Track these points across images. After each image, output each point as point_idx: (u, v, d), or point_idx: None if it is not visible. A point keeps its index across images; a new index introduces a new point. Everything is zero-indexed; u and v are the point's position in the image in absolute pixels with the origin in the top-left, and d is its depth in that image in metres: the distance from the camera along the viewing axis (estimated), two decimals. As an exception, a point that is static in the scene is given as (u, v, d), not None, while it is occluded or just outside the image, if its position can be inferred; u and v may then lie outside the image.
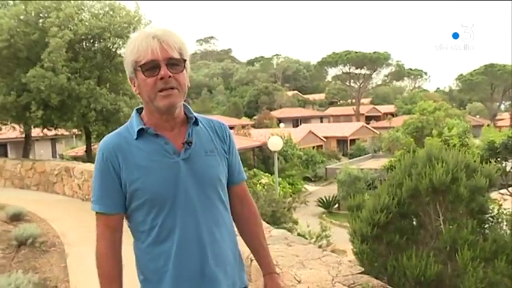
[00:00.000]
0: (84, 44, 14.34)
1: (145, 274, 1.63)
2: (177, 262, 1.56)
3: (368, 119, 59.98)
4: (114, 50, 14.65)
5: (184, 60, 1.60)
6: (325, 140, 41.22)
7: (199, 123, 1.68)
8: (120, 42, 14.55)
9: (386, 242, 3.40)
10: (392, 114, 58.03)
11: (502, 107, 62.99)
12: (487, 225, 3.31)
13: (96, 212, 1.62)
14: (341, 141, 44.52)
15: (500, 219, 3.39)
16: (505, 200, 5.01)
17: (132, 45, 1.58)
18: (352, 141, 44.08)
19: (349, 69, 61.35)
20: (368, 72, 61.63)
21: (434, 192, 3.23)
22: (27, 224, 7.49)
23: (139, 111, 1.69)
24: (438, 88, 78.67)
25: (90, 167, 11.48)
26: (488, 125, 38.44)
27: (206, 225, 1.59)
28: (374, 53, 59.54)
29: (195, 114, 1.69)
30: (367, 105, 64.74)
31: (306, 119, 55.76)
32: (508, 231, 3.20)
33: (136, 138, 1.59)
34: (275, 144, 15.61)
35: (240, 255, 1.77)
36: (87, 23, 13.82)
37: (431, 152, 3.61)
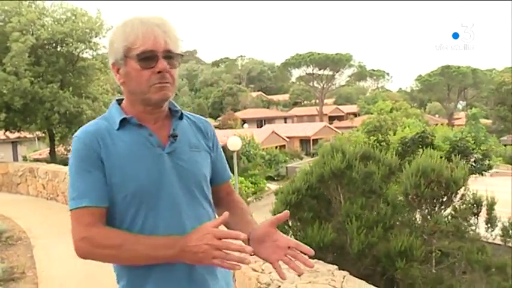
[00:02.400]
0: (46, 48, 14.68)
1: (127, 278, 1.46)
2: (162, 265, 1.39)
3: (331, 119, 61.09)
4: (76, 54, 15.08)
5: (181, 56, 1.49)
6: (288, 140, 42.00)
7: (184, 118, 1.60)
8: (83, 47, 15.01)
9: (297, 218, 4.20)
10: (355, 114, 59.08)
11: (460, 106, 65.02)
12: (374, 202, 4.15)
13: (78, 209, 1.39)
14: (304, 141, 45.44)
15: (387, 197, 4.22)
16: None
17: (127, 30, 1.42)
18: (315, 140, 45.08)
19: (313, 70, 62.22)
20: (331, 73, 62.54)
21: (334, 177, 4.03)
22: (-8, 221, 7.99)
23: (119, 101, 1.56)
24: (400, 88, 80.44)
25: (54, 167, 11.91)
26: (442, 124, 40.37)
27: (191, 224, 1.43)
28: (336, 54, 60.62)
29: (180, 108, 1.60)
30: (331, 106, 65.95)
31: (270, 120, 56.60)
32: (390, 206, 4.04)
33: (117, 129, 1.46)
34: (234, 144, 16.35)
35: None
36: (49, 29, 14.18)
37: (334, 144, 4.44)
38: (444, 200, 3.90)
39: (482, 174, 18.31)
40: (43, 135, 16.85)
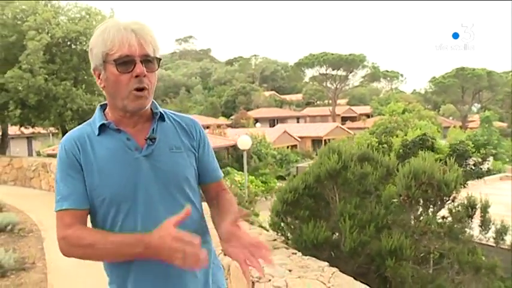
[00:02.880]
0: (61, 46, 14.95)
1: (111, 274, 1.58)
2: (140, 264, 1.47)
3: (344, 119, 60.89)
4: (90, 52, 15.34)
5: (159, 59, 1.53)
6: (300, 139, 42.08)
7: (166, 119, 1.62)
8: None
9: (294, 216, 4.35)
10: (368, 115, 58.87)
11: (474, 109, 64.41)
12: (369, 203, 4.28)
13: (61, 211, 1.49)
14: (316, 141, 45.40)
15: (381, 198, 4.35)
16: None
17: (105, 36, 1.46)
18: (327, 141, 44.92)
19: (326, 70, 62.08)
20: (344, 73, 62.40)
21: (330, 177, 4.17)
22: (6, 213, 8.25)
23: (103, 107, 1.63)
24: (414, 90, 79.90)
25: (66, 163, 12.19)
26: (454, 127, 40.13)
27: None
28: (350, 55, 60.45)
29: (161, 109, 1.62)
30: (344, 106, 65.82)
31: (283, 119, 56.65)
32: (382, 206, 4.17)
33: (98, 134, 1.53)
34: (244, 143, 16.54)
35: (215, 257, 1.73)
36: (64, 27, 14.44)
37: (331, 145, 4.58)
38: (436, 201, 4.03)
39: (480, 178, 18.23)
40: (57, 131, 17.18)
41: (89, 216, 1.55)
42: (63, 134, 16.32)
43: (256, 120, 51.17)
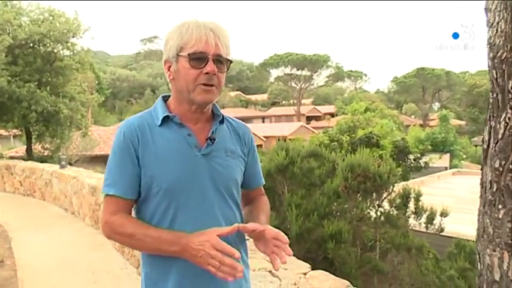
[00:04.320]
0: (24, 48, 14.88)
1: (150, 268, 1.56)
2: (183, 260, 1.45)
3: (309, 119, 61.74)
4: (54, 54, 15.34)
5: (230, 62, 1.56)
6: (265, 139, 42.52)
7: (225, 123, 1.67)
8: (60, 47, 15.32)
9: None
10: (333, 115, 59.63)
11: (435, 107, 66.18)
12: (313, 194, 4.77)
13: (108, 195, 1.52)
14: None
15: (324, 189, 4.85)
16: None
17: (183, 30, 1.50)
18: (292, 140, 45.44)
19: (291, 70, 62.78)
20: (309, 73, 63.27)
21: (279, 171, 4.64)
22: (-30, 216, 8.32)
23: (165, 98, 1.64)
24: (378, 89, 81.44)
25: (31, 164, 12.17)
26: (414, 125, 41.47)
27: (218, 225, 1.49)
28: (314, 55, 61.27)
29: (222, 112, 1.66)
30: (308, 106, 66.72)
31: (248, 119, 56.89)
32: (326, 196, 4.67)
33: (159, 125, 1.54)
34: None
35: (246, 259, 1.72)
36: (26, 29, 14.41)
37: (280, 143, 5.07)
38: (373, 191, 4.55)
39: (419, 171, 20.16)
40: (20, 133, 17.04)
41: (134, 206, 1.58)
42: (28, 136, 16.32)
43: (222, 120, 51.22)
